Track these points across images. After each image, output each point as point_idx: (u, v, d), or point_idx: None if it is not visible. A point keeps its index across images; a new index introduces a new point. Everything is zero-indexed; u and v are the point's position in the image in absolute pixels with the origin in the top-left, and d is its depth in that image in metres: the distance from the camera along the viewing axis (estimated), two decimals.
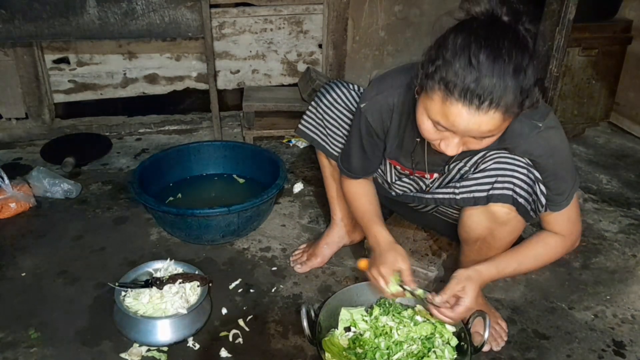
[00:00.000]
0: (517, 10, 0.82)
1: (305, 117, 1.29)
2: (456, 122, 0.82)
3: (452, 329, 1.09)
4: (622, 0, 2.10)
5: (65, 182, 1.70)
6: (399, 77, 1.04)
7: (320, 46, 2.24)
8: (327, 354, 1.06)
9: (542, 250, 1.07)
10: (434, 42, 0.85)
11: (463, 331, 1.08)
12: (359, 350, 1.06)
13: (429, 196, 1.12)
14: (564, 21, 1.58)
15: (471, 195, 1.01)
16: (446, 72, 0.80)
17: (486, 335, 1.03)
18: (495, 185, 0.97)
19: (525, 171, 0.97)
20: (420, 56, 0.88)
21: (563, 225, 1.06)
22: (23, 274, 1.37)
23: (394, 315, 1.13)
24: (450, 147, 0.88)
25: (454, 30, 0.83)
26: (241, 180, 1.76)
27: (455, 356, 1.07)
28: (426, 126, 0.89)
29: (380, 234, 1.12)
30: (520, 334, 1.23)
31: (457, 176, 1.07)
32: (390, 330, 1.09)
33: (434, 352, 1.05)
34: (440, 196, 1.08)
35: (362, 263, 1.14)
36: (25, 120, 2.11)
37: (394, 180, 1.20)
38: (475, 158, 1.03)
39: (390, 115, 1.06)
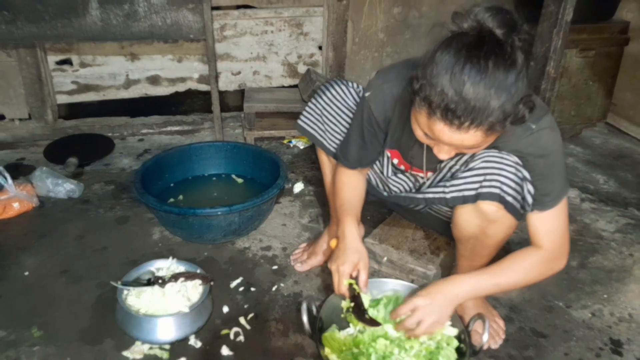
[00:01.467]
0: (511, 21, 0.81)
1: (304, 112, 1.30)
2: (440, 136, 0.86)
3: (453, 332, 1.09)
4: (620, 2, 2.11)
5: (68, 182, 1.71)
6: (405, 69, 1.04)
7: (320, 48, 2.25)
8: (326, 349, 1.07)
9: (521, 264, 1.03)
10: (423, 57, 0.86)
11: (463, 333, 1.09)
12: (355, 351, 1.07)
13: (420, 196, 1.12)
14: (561, 22, 1.60)
15: (460, 194, 1.01)
16: (429, 92, 0.83)
17: (485, 337, 1.04)
18: (484, 183, 0.98)
19: (513, 170, 0.97)
20: (418, 57, 0.89)
21: (545, 235, 1.02)
22: (26, 273, 1.38)
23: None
24: (442, 153, 0.93)
25: (440, 47, 0.83)
26: (240, 181, 1.77)
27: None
28: (418, 133, 0.93)
29: (349, 229, 1.10)
30: (518, 333, 1.24)
31: (448, 175, 1.08)
32: (386, 334, 1.10)
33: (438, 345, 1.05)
34: (431, 196, 1.08)
35: (334, 243, 1.14)
36: (28, 121, 2.12)
37: (389, 175, 1.21)
38: (466, 157, 1.04)
39: (393, 106, 1.07)
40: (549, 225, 1.03)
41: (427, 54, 0.86)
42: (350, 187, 1.20)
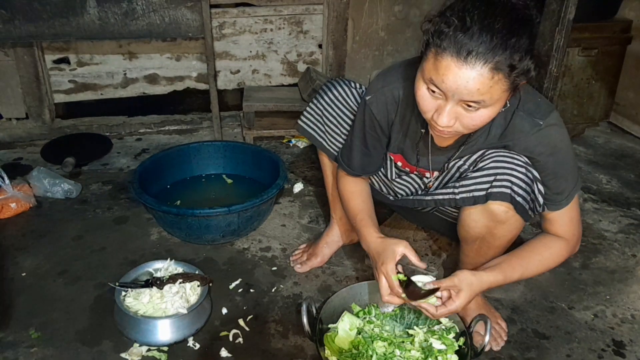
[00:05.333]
0: None
1: (305, 113, 1.29)
2: (445, 75, 0.84)
3: (452, 334, 1.08)
4: (622, 0, 2.10)
5: (66, 182, 1.70)
6: (404, 70, 1.04)
7: (320, 46, 2.24)
8: (327, 350, 1.06)
9: (546, 254, 1.05)
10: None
11: (464, 334, 1.08)
12: (354, 351, 1.06)
13: (429, 198, 1.12)
14: (563, 21, 1.58)
15: (470, 194, 1.01)
16: (440, 25, 0.84)
17: (487, 339, 1.03)
18: (494, 183, 0.97)
19: (523, 170, 0.97)
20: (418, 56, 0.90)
21: (565, 227, 1.05)
22: (23, 274, 1.38)
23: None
24: (442, 116, 0.88)
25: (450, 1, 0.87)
26: (229, 181, 1.76)
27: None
28: (421, 92, 0.90)
29: (369, 236, 1.08)
30: (520, 334, 1.23)
31: (457, 174, 1.07)
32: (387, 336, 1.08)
33: (436, 357, 1.05)
34: (440, 197, 1.08)
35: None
36: (26, 120, 2.11)
37: (393, 178, 1.20)
38: (475, 157, 1.03)
39: (395, 108, 1.07)
40: (567, 218, 1.04)
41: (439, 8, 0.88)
42: (358, 195, 1.19)
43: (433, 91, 0.87)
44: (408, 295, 0.98)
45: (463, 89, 0.83)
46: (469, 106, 0.86)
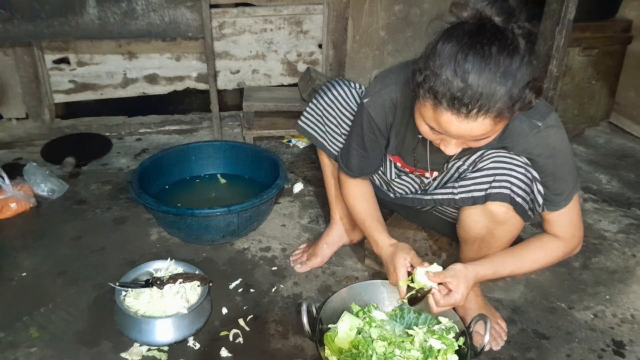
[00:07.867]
0: (509, 9, 0.81)
1: (305, 113, 1.29)
2: (448, 128, 0.84)
3: (452, 334, 1.08)
4: (622, 0, 2.10)
5: (50, 181, 1.68)
6: (402, 72, 1.04)
7: (320, 46, 2.24)
8: (327, 350, 1.06)
9: (541, 254, 1.06)
10: (424, 50, 0.86)
11: (464, 334, 1.08)
12: (354, 351, 1.06)
13: (428, 197, 1.12)
14: (564, 21, 1.58)
15: (470, 195, 1.01)
16: (434, 82, 0.82)
17: (486, 339, 1.03)
18: (493, 184, 0.97)
19: (522, 170, 0.97)
20: (416, 58, 0.89)
21: (564, 228, 1.05)
22: (23, 274, 1.37)
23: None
24: (449, 147, 0.90)
25: (441, 38, 0.83)
26: (223, 181, 1.76)
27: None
28: (424, 129, 0.91)
29: (381, 241, 1.12)
30: (520, 334, 1.23)
31: (456, 175, 1.07)
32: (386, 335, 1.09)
33: (436, 357, 1.04)
34: (439, 197, 1.08)
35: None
36: (26, 121, 2.11)
37: (393, 178, 1.20)
38: (474, 157, 1.03)
39: (393, 111, 1.07)
40: (566, 220, 1.04)
41: (428, 46, 0.85)
42: (362, 198, 1.20)
43: (434, 131, 0.88)
44: (410, 302, 1.03)
45: (467, 137, 0.85)
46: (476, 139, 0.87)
